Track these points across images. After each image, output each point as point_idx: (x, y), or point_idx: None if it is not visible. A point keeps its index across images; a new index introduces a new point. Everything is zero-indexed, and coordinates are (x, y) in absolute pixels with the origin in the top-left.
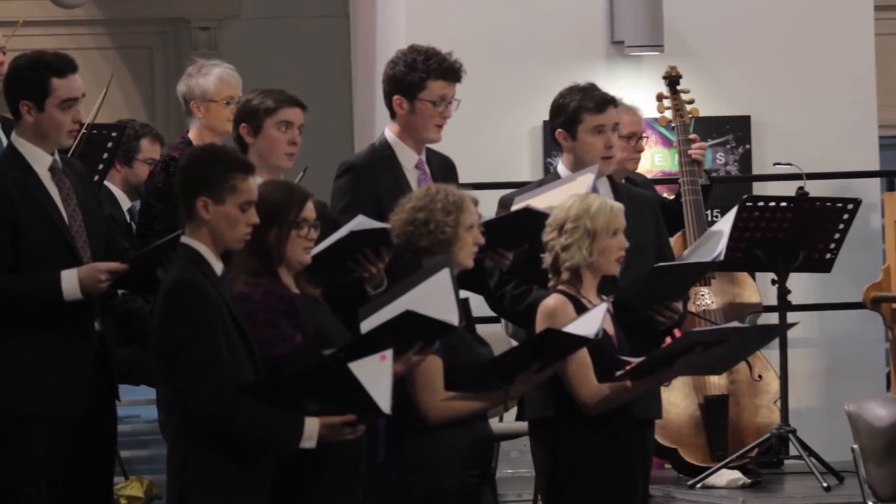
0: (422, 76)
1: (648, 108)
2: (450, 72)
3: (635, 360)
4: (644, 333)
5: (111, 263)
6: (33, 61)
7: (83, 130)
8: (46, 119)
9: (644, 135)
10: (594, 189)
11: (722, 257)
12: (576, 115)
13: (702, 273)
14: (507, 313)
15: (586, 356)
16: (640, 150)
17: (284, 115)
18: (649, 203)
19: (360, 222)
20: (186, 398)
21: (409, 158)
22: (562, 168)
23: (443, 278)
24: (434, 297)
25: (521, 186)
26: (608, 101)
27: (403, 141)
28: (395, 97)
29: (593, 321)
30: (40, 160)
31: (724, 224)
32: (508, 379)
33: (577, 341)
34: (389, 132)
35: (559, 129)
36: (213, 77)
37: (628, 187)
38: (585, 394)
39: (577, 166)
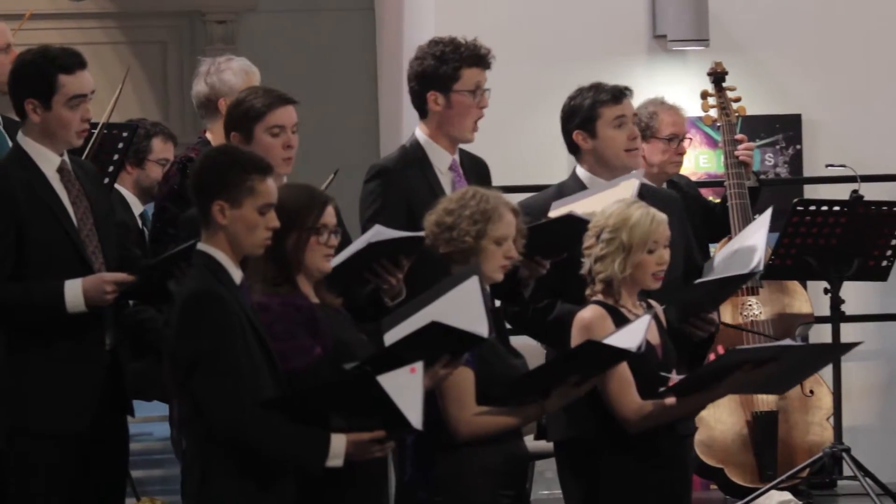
0: (455, 66)
1: (692, 107)
2: (482, 58)
3: (678, 377)
4: (678, 345)
5: (118, 274)
6: (39, 57)
7: (99, 130)
8: (53, 118)
9: (687, 136)
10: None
11: (761, 267)
12: (592, 112)
13: (739, 285)
14: (528, 328)
15: (627, 371)
16: (682, 153)
17: (275, 119)
18: (673, 203)
19: (378, 232)
20: (205, 414)
21: (442, 160)
22: (581, 171)
23: (471, 286)
24: (462, 307)
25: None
26: (623, 91)
27: (436, 141)
28: (430, 93)
29: (636, 333)
30: (48, 160)
31: (758, 229)
32: (545, 392)
33: (619, 354)
34: (420, 132)
35: (576, 131)
36: (237, 71)
37: (651, 187)
38: (626, 410)
39: (601, 166)
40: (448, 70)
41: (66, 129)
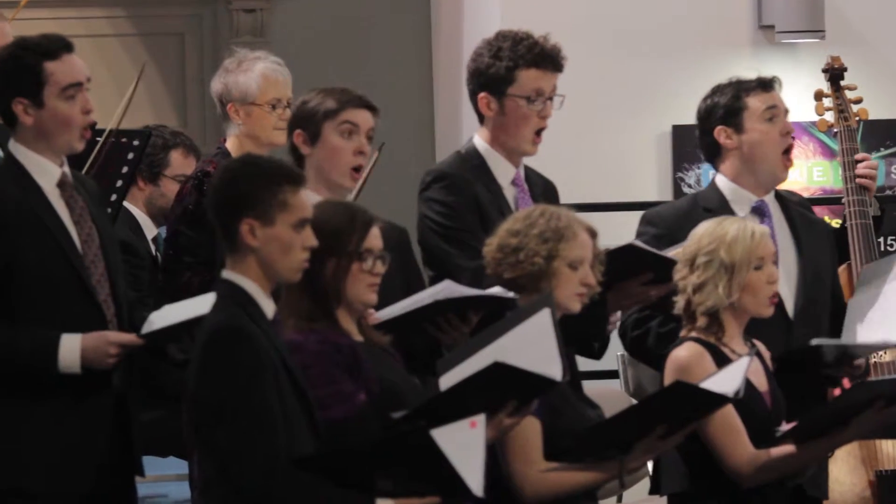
0: (509, 66)
1: (805, 110)
2: (544, 58)
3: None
4: (800, 390)
5: (125, 335)
6: (17, 49)
7: (105, 139)
8: (49, 116)
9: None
10: (762, 211)
11: None
12: (737, 102)
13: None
14: (647, 356)
15: (735, 416)
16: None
17: (348, 116)
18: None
19: (447, 289)
20: (230, 472)
21: (504, 172)
22: (722, 180)
23: (543, 320)
24: (531, 344)
25: (654, 206)
26: (772, 80)
27: (496, 150)
28: (481, 95)
29: (734, 376)
30: (46, 172)
31: None
32: (625, 446)
33: (713, 400)
34: (479, 139)
35: (719, 127)
36: (255, 74)
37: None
38: (737, 461)
39: (748, 169)
40: (501, 70)
41: (68, 126)
